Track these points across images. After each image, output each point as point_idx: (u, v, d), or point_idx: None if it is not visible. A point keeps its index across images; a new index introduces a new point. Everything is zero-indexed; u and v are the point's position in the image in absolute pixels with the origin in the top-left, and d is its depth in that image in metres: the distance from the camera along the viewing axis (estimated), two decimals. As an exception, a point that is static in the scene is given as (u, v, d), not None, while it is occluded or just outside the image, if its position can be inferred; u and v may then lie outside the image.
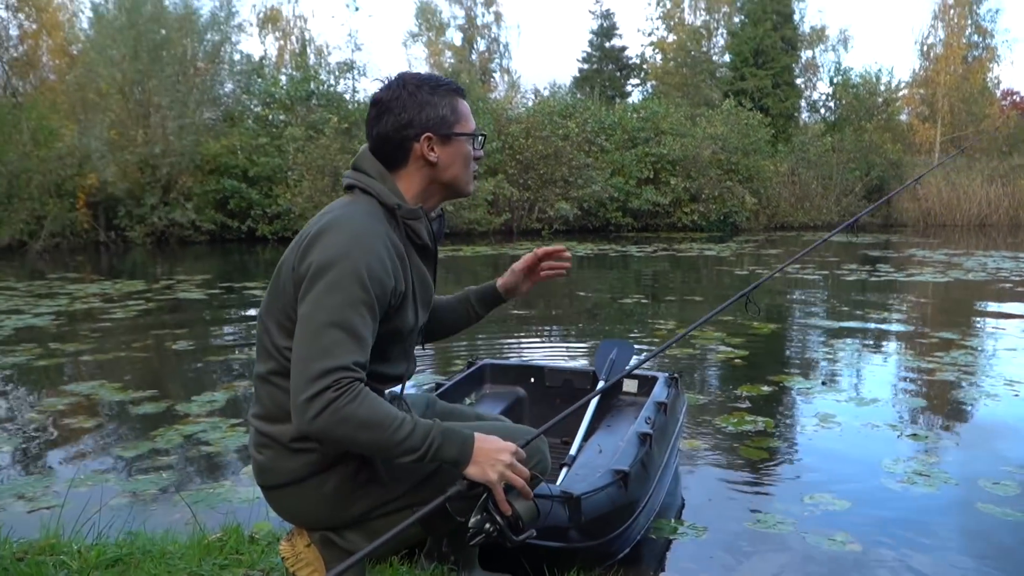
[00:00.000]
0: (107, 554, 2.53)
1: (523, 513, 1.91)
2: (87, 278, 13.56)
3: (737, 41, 36.18)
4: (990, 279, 12.91)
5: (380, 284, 1.86)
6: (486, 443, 1.90)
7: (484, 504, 1.89)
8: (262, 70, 25.51)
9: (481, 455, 1.88)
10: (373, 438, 1.78)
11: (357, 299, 1.81)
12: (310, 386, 1.75)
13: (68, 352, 7.28)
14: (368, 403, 1.77)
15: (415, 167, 2.06)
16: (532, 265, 2.50)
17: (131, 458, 4.43)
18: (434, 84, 2.05)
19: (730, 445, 4.68)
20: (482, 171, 22.88)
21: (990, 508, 3.74)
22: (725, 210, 26.39)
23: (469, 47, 45.85)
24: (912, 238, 23.31)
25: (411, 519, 1.79)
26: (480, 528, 1.88)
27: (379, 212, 1.99)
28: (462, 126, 2.07)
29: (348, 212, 1.95)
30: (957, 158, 30.86)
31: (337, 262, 1.82)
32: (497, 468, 1.87)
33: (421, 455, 1.83)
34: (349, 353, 1.79)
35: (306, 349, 1.79)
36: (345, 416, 1.74)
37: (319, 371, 1.75)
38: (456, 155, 2.07)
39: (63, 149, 19.57)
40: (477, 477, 1.87)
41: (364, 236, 1.88)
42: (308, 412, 1.74)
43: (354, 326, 1.81)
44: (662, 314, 9.38)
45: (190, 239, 20.51)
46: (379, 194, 2.01)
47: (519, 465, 1.91)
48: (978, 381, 6.14)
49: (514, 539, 1.90)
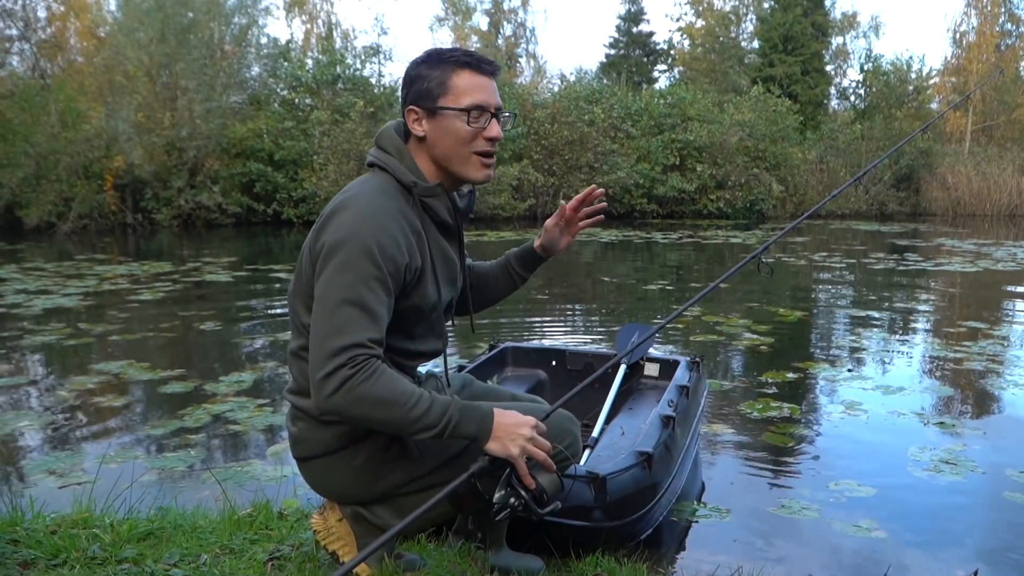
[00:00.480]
0: (139, 528, 2.56)
1: (547, 486, 1.90)
2: (114, 259, 13.70)
3: (766, 27, 35.83)
4: (1020, 269, 12.75)
5: (392, 261, 1.85)
6: (505, 418, 1.89)
7: (508, 479, 1.88)
8: (288, 54, 25.56)
9: (501, 430, 1.87)
10: (389, 415, 1.78)
11: (369, 276, 1.81)
12: (326, 364, 1.76)
13: (96, 332, 7.37)
14: (384, 380, 1.78)
15: (413, 143, 2.03)
16: (568, 219, 2.35)
17: (160, 436, 4.48)
18: (438, 57, 1.99)
19: (755, 431, 4.67)
20: (507, 156, 22.88)
21: (1017, 497, 3.71)
22: (751, 197, 26.22)
23: (495, 32, 45.70)
24: (941, 227, 23.05)
25: (439, 495, 1.79)
26: (505, 503, 1.87)
27: (393, 189, 1.98)
28: (449, 100, 1.96)
29: (360, 190, 1.95)
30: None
31: (348, 241, 1.82)
32: (518, 443, 1.86)
33: (439, 432, 1.83)
34: (363, 330, 1.79)
35: (321, 328, 1.80)
36: (361, 393, 1.75)
37: (334, 349, 1.76)
38: (443, 131, 1.98)
39: (90, 131, 19.73)
40: (498, 452, 1.86)
41: (374, 213, 1.87)
42: (325, 389, 1.76)
43: (367, 303, 1.80)
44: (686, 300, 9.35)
45: (216, 222, 20.65)
46: (395, 171, 1.99)
47: (540, 438, 1.90)
48: (1006, 371, 6.08)
49: (539, 512, 1.89)
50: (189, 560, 2.32)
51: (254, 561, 2.36)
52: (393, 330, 1.96)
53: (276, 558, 2.39)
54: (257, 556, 2.40)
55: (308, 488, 2.14)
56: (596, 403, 3.82)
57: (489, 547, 2.50)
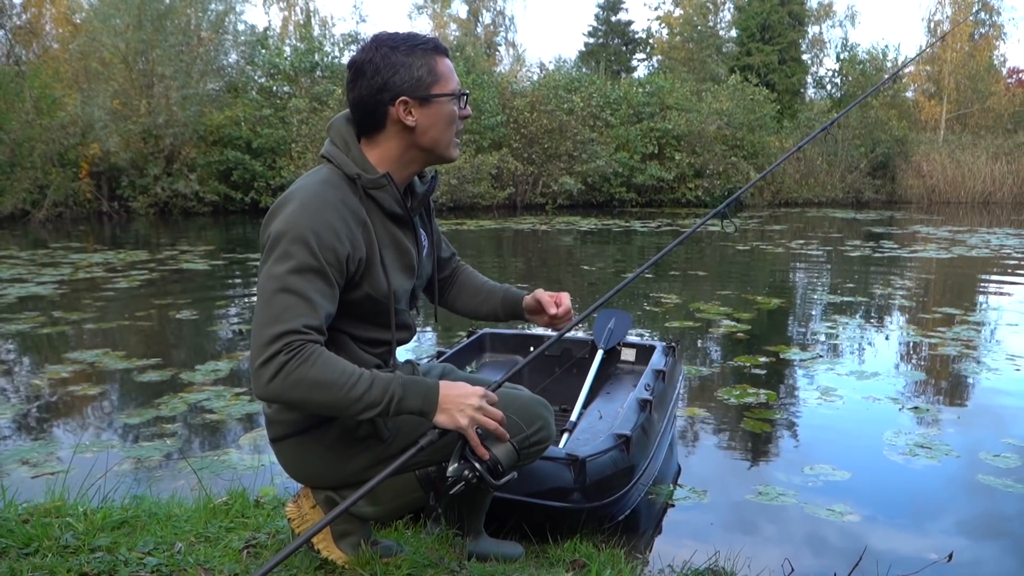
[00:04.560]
0: (113, 516, 2.54)
1: (502, 457, 1.90)
2: (90, 248, 13.57)
3: (744, 16, 35.96)
4: (993, 256, 12.88)
5: (332, 251, 1.85)
6: (452, 389, 1.88)
7: (461, 451, 1.89)
8: (266, 41, 25.32)
9: (448, 402, 1.86)
10: (329, 397, 1.77)
11: (305, 265, 1.80)
12: (263, 351, 1.75)
13: (71, 320, 7.30)
14: (322, 363, 1.77)
15: (393, 132, 2.00)
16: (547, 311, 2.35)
17: (136, 425, 4.45)
18: (411, 44, 1.96)
19: (732, 416, 4.70)
20: (486, 144, 22.83)
21: (991, 480, 3.75)
22: (729, 186, 26.29)
23: (474, 20, 45.56)
24: (916, 215, 23.22)
25: (387, 471, 1.79)
26: (459, 475, 1.87)
27: (338, 180, 1.97)
28: (441, 86, 1.98)
29: (305, 183, 1.95)
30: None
31: (287, 231, 1.82)
32: (467, 412, 1.86)
33: (383, 408, 1.82)
34: (299, 316, 1.78)
35: (259, 317, 1.80)
36: (298, 377, 1.74)
37: (271, 336, 1.75)
38: (436, 117, 1.99)
39: (66, 118, 19.50)
40: (447, 424, 1.86)
41: (314, 205, 1.86)
42: (263, 377, 1.75)
43: (303, 290, 1.79)
44: (664, 288, 9.38)
45: (193, 210, 20.49)
46: (340, 163, 1.98)
47: (489, 408, 1.89)
48: (980, 356, 6.14)
49: (494, 483, 1.89)
50: (163, 548, 2.30)
51: (230, 549, 2.34)
52: (352, 319, 1.98)
53: (252, 545, 2.38)
54: (233, 544, 2.38)
55: (285, 477, 2.14)
56: (575, 388, 3.84)
57: (467, 534, 2.50)
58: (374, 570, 2.13)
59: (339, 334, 1.99)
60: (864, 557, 2.90)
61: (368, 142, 2.02)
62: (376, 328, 2.06)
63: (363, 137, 2.03)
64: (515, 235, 16.90)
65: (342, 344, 2.00)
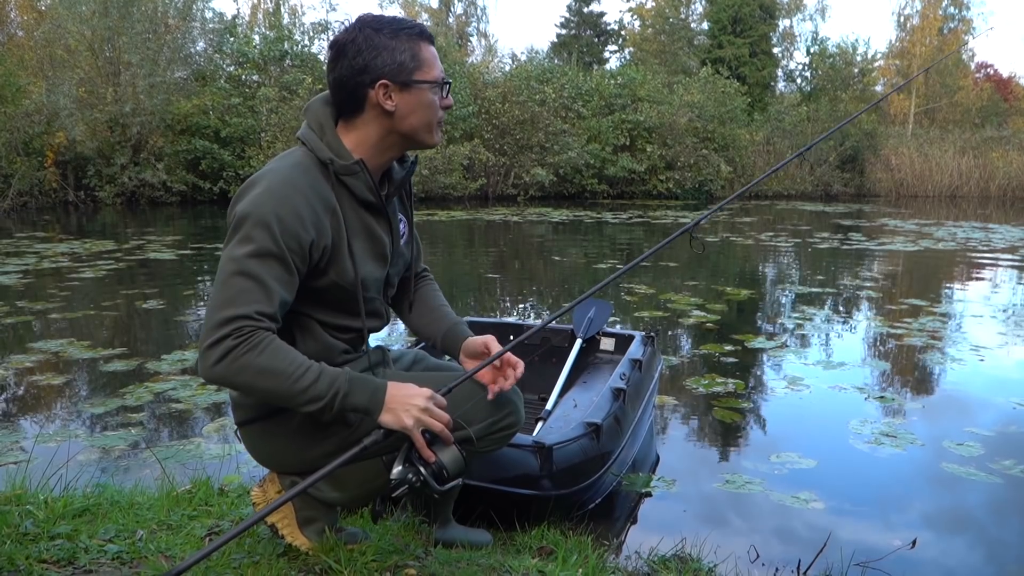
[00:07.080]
0: (74, 504, 2.50)
1: (447, 462, 1.85)
2: (56, 237, 13.39)
3: (716, 8, 36.13)
4: (960, 249, 13.04)
5: (295, 237, 1.81)
6: (399, 389, 1.85)
7: (406, 453, 1.85)
8: (235, 29, 25.10)
9: (394, 402, 1.83)
10: (273, 386, 1.75)
11: (265, 250, 1.76)
12: (212, 334, 1.72)
13: (36, 310, 7.19)
14: (270, 352, 1.74)
15: (371, 115, 1.95)
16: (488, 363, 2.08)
17: (100, 414, 4.39)
18: (395, 27, 1.92)
19: (701, 405, 4.72)
20: (458, 135, 22.78)
21: (954, 468, 3.80)
22: (700, 178, 26.47)
23: (446, 10, 45.38)
24: (884, 208, 23.47)
25: (331, 465, 1.75)
26: (403, 479, 1.83)
27: (310, 164, 1.92)
28: (423, 73, 1.93)
29: (275, 166, 1.90)
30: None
31: (250, 214, 1.78)
32: (412, 413, 1.82)
33: (327, 403, 1.79)
34: (254, 302, 1.75)
35: (213, 298, 1.77)
36: (244, 364, 1.71)
37: (221, 319, 1.72)
38: (416, 104, 1.94)
39: (31, 106, 19.21)
40: (392, 424, 1.82)
41: (280, 189, 1.82)
42: (208, 359, 1.72)
43: (260, 276, 1.76)
44: (637, 279, 9.40)
45: (161, 200, 20.27)
46: (314, 147, 1.94)
47: (436, 410, 1.85)
48: (945, 346, 6.21)
49: (438, 488, 1.85)
50: (125, 536, 2.27)
51: (192, 536, 2.32)
52: (320, 306, 1.96)
53: (215, 533, 2.35)
54: (195, 531, 2.36)
55: (251, 466, 2.11)
56: (553, 377, 3.84)
57: (435, 521, 2.49)
58: (338, 556, 2.11)
59: (308, 319, 1.96)
60: (829, 544, 2.93)
61: (346, 125, 1.98)
62: (345, 316, 2.02)
63: (341, 120, 1.99)
64: (487, 226, 16.88)
65: (310, 329, 1.97)
